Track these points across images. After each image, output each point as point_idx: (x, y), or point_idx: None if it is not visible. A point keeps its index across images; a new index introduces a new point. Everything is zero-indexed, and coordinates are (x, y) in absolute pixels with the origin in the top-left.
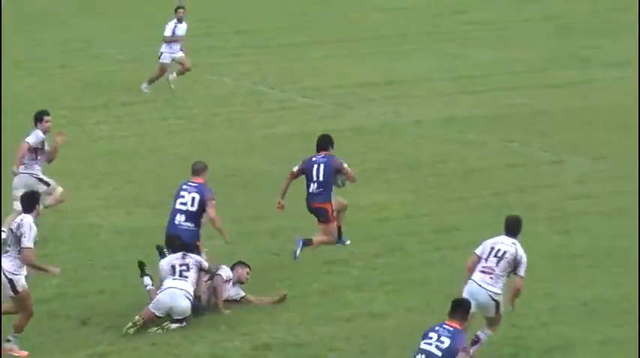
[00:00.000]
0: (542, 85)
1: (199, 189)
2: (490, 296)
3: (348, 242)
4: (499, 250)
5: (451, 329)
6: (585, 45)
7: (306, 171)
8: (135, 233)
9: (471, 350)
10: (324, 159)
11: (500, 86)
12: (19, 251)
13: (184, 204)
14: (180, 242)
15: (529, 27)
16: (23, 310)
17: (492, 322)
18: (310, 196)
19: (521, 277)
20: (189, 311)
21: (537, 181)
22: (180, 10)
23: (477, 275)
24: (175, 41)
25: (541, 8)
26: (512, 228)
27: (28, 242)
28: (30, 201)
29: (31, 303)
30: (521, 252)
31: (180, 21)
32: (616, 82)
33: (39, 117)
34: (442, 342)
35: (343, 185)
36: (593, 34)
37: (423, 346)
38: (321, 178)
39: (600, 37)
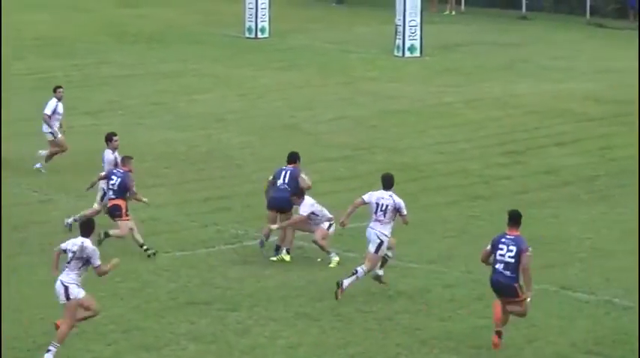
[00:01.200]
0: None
1: None
2: (377, 235)
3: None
4: (383, 204)
5: (513, 237)
6: (69, 96)
7: None
8: None
9: (346, 283)
10: None
11: None
12: (81, 268)
13: None
14: None
15: (15, 80)
16: (68, 319)
17: (370, 258)
18: None
19: (404, 215)
20: None
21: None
22: (60, 90)
23: (373, 224)
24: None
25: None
26: (387, 183)
27: (97, 261)
28: (88, 227)
29: (76, 316)
30: (397, 200)
31: (59, 99)
32: (92, 128)
33: (109, 138)
34: (511, 250)
35: None
36: (72, 87)
37: (498, 257)
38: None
39: (79, 89)
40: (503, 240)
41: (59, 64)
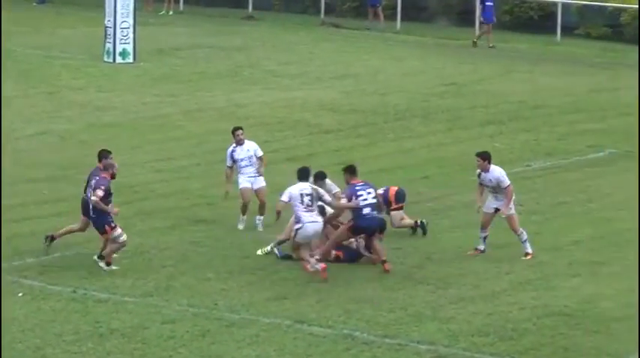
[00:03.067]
0: None
1: None
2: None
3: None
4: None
5: (362, 182)
6: None
7: None
8: None
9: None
10: None
11: None
12: None
13: None
14: None
15: None
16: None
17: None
18: None
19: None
20: None
21: None
22: None
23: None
24: None
25: None
26: (303, 175)
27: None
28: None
29: None
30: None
31: None
32: None
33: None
34: (370, 193)
35: None
36: None
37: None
38: None
39: None
40: (357, 188)
41: None
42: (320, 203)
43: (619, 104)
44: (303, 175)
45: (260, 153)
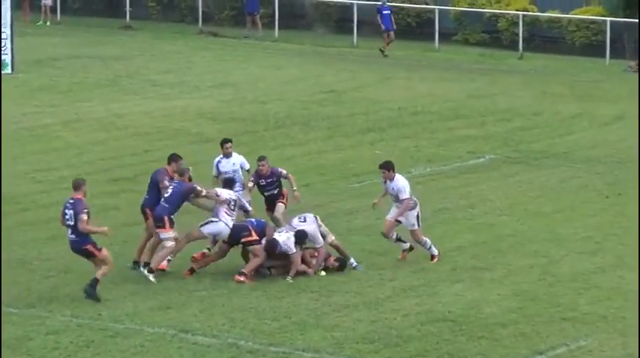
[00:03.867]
0: None
1: None
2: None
3: None
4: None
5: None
6: None
7: None
8: None
9: None
10: None
11: None
12: None
13: None
14: None
15: None
16: None
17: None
18: None
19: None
20: None
21: None
22: None
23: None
24: None
25: None
26: (228, 184)
27: None
28: None
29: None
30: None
31: None
32: None
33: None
34: None
35: None
36: None
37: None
38: None
39: None
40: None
41: None
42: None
43: (497, 110)
44: (227, 184)
45: (247, 166)
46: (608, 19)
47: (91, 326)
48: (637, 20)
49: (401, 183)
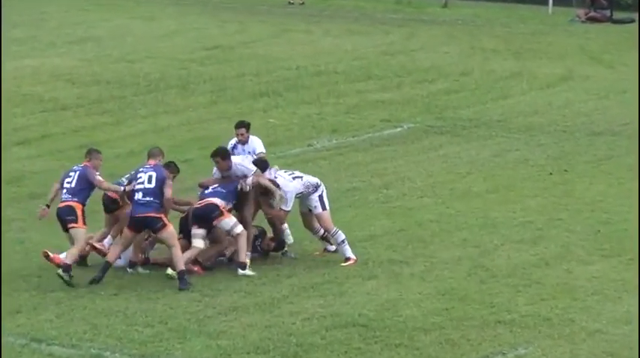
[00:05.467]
0: None
1: None
2: None
3: None
4: None
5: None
6: None
7: None
8: None
9: None
10: None
11: None
12: None
13: None
14: None
15: None
16: None
17: None
18: None
19: None
20: None
21: None
22: None
23: None
24: None
25: None
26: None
27: None
28: None
29: None
30: None
31: None
32: None
33: None
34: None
35: None
36: None
37: None
38: None
39: None
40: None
41: None
42: None
43: (417, 69)
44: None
45: (260, 150)
46: None
47: None
48: None
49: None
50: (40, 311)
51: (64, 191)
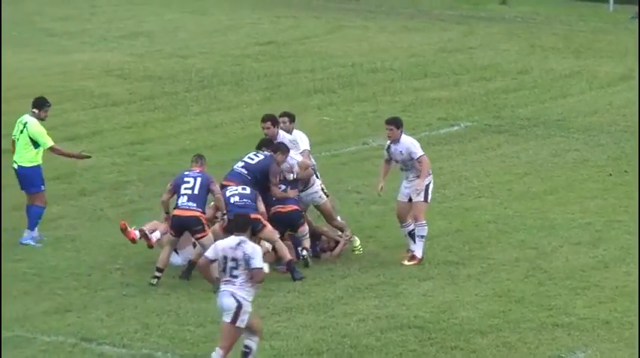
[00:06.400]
0: None
1: None
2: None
3: None
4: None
5: None
6: None
7: None
8: None
9: None
10: None
11: None
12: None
13: None
14: None
15: None
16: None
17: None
18: None
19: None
20: None
21: None
22: None
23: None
24: None
25: None
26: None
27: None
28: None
29: None
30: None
31: None
32: None
33: None
34: None
35: None
36: None
37: None
38: None
39: None
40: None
41: None
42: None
43: (475, 66)
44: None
45: (301, 145)
46: None
47: None
48: None
49: (409, 141)
50: (90, 309)
51: (185, 197)
